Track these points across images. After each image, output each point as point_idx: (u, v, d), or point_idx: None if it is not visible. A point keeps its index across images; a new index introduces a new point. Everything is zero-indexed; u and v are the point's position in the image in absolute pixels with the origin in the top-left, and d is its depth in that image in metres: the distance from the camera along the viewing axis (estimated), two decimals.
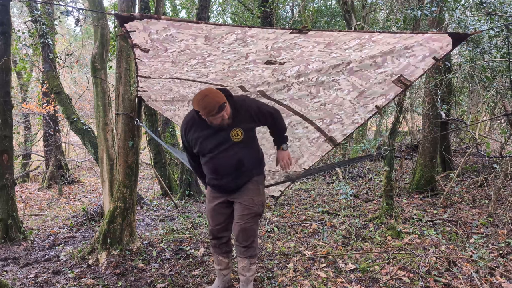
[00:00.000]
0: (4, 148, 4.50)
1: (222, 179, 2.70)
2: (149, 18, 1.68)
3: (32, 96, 11.81)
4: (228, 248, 2.93)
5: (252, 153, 2.75)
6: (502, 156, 5.69)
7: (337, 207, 5.76)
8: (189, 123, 2.72)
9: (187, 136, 2.75)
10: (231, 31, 1.87)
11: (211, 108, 2.39)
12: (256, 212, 2.69)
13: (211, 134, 2.61)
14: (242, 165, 2.66)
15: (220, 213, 2.83)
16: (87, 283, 3.18)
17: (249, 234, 2.66)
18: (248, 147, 2.70)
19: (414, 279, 3.06)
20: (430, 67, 2.15)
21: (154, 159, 7.79)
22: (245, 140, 2.65)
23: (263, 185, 2.88)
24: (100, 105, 4.45)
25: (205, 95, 2.41)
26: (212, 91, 2.46)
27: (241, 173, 2.68)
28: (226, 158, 2.63)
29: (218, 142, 2.62)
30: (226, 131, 2.59)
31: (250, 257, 2.73)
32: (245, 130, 2.64)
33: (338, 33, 1.91)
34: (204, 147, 2.66)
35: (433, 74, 5.90)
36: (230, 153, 2.62)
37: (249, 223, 2.65)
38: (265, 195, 2.95)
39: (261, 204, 2.73)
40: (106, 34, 4.77)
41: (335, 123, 3.03)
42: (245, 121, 2.64)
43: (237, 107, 2.61)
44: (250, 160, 2.70)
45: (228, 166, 2.65)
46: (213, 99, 2.39)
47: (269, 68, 2.58)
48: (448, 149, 7.36)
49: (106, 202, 4.25)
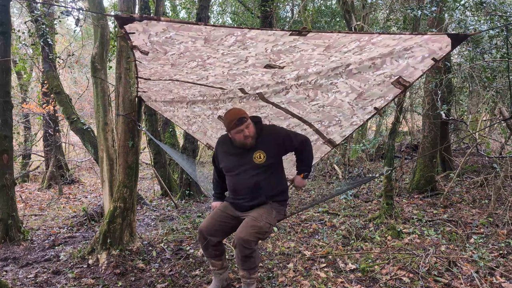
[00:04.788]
0: (4, 148, 4.50)
1: (238, 199, 2.80)
2: (148, 19, 1.68)
3: (32, 96, 11.81)
4: (218, 251, 2.85)
5: (273, 180, 2.77)
6: (502, 156, 5.69)
7: (337, 207, 5.77)
8: (221, 141, 2.96)
9: (217, 151, 2.96)
10: (230, 33, 1.87)
11: (231, 119, 2.60)
12: (260, 228, 2.59)
13: (236, 153, 2.77)
14: (259, 188, 2.71)
15: (224, 220, 2.82)
16: (87, 283, 3.18)
17: (245, 247, 2.54)
18: (269, 173, 2.73)
19: (414, 279, 3.06)
20: (429, 68, 2.15)
21: (154, 159, 7.79)
22: (267, 165, 2.71)
23: (278, 213, 2.81)
24: (100, 105, 4.45)
25: (229, 110, 2.70)
26: (235, 108, 2.74)
27: (257, 196, 2.72)
28: (244, 179, 2.72)
29: (240, 162, 2.74)
30: (250, 152, 2.70)
31: (249, 270, 2.66)
32: (269, 155, 2.70)
33: (338, 35, 1.90)
34: (227, 164, 2.83)
35: (433, 74, 5.90)
36: (249, 174, 2.71)
37: (249, 236, 2.54)
38: (275, 225, 2.89)
39: (268, 223, 2.65)
40: (106, 34, 4.77)
41: (334, 125, 3.03)
42: (270, 146, 2.72)
43: (264, 132, 2.75)
44: (268, 186, 2.73)
45: (245, 187, 2.73)
46: (234, 112, 2.64)
47: (269, 72, 2.57)
48: (448, 149, 7.36)
49: (106, 202, 4.25)
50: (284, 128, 2.96)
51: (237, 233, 2.59)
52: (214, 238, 2.78)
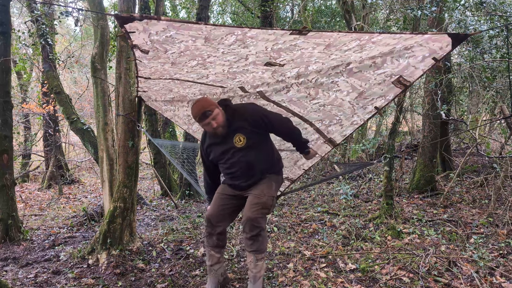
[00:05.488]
0: (4, 148, 4.50)
1: (235, 181, 2.83)
2: (149, 19, 1.68)
3: (32, 96, 11.81)
4: (221, 242, 2.86)
5: (263, 155, 2.79)
6: (502, 156, 5.69)
7: (337, 207, 5.77)
8: (203, 136, 2.96)
9: (204, 145, 2.93)
10: (230, 32, 1.87)
11: (195, 115, 2.62)
12: (264, 203, 2.66)
13: (219, 142, 2.77)
14: (253, 167, 2.74)
15: (225, 203, 2.86)
16: (87, 283, 3.18)
17: (254, 225, 2.61)
18: (256, 150, 2.75)
19: (414, 279, 3.06)
20: (430, 67, 2.15)
21: (154, 159, 7.80)
22: (251, 145, 2.71)
23: (277, 184, 2.88)
24: (100, 105, 4.45)
25: (194, 103, 2.64)
26: (201, 99, 2.66)
27: (252, 175, 2.76)
28: (235, 162, 2.74)
29: (223, 149, 2.76)
30: (229, 138, 2.71)
31: (256, 252, 2.68)
32: (248, 136, 2.70)
33: (338, 34, 1.91)
34: (215, 154, 2.84)
35: (433, 74, 5.90)
36: (237, 158, 2.73)
37: (255, 213, 2.62)
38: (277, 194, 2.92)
39: (270, 197, 2.72)
40: (106, 34, 4.77)
41: (334, 125, 3.03)
42: (247, 127, 2.70)
43: (237, 114, 2.71)
44: (260, 162, 2.76)
45: (238, 169, 2.75)
46: (198, 106, 2.60)
47: (269, 70, 2.57)
48: (448, 149, 7.36)
49: (106, 202, 4.25)
50: (261, 107, 2.88)
51: (245, 213, 2.66)
52: (221, 224, 2.83)
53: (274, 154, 2.92)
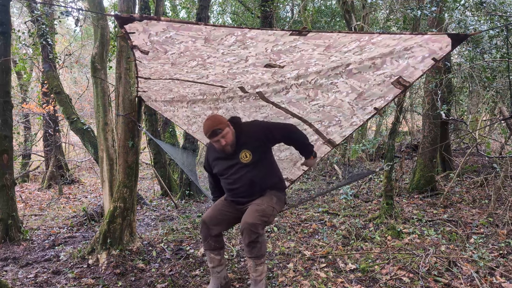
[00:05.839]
0: (4, 148, 4.50)
1: (237, 198, 2.86)
2: (148, 19, 1.68)
3: (32, 96, 11.82)
4: (218, 244, 2.87)
5: (265, 173, 2.82)
6: (502, 156, 5.69)
7: (337, 207, 5.77)
8: (209, 147, 3.02)
9: (208, 157, 3.00)
10: (230, 33, 1.87)
11: (206, 132, 2.68)
12: (263, 211, 2.64)
13: (224, 157, 2.82)
14: (254, 185, 2.77)
15: (226, 209, 2.89)
16: (87, 283, 3.18)
17: (252, 230, 2.58)
18: (259, 167, 2.78)
19: (414, 279, 3.06)
20: (430, 68, 2.15)
21: (154, 159, 7.80)
22: (255, 161, 2.75)
23: (278, 199, 2.85)
24: (100, 105, 4.45)
25: (206, 120, 2.71)
26: (213, 116, 2.73)
27: (254, 192, 2.79)
28: (238, 178, 2.78)
29: (229, 164, 2.81)
30: (236, 154, 2.76)
31: (255, 258, 2.67)
32: (254, 152, 2.74)
33: (338, 35, 1.90)
34: (219, 168, 2.89)
35: (433, 74, 5.90)
36: (241, 174, 2.77)
37: (254, 219, 2.60)
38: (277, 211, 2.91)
39: (270, 207, 2.71)
40: (106, 34, 4.77)
41: (334, 126, 3.03)
42: (253, 143, 2.75)
43: (244, 131, 2.78)
44: (263, 180, 2.80)
45: (241, 185, 2.78)
46: (209, 123, 2.67)
47: (269, 71, 2.57)
48: (448, 149, 7.37)
49: (106, 202, 4.25)
50: (263, 122, 2.96)
51: (243, 219, 2.65)
52: (216, 228, 2.83)
53: (277, 173, 2.95)
